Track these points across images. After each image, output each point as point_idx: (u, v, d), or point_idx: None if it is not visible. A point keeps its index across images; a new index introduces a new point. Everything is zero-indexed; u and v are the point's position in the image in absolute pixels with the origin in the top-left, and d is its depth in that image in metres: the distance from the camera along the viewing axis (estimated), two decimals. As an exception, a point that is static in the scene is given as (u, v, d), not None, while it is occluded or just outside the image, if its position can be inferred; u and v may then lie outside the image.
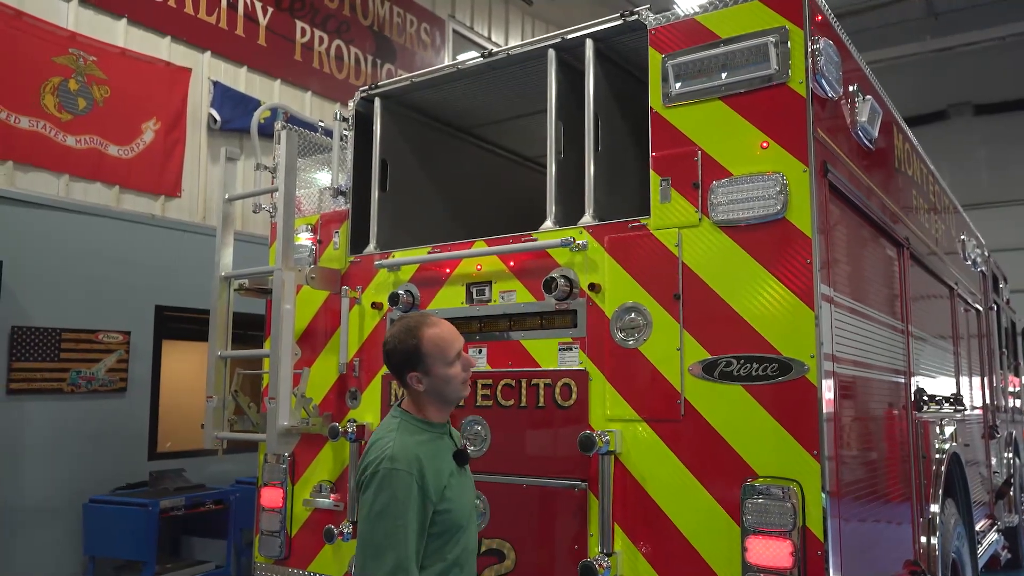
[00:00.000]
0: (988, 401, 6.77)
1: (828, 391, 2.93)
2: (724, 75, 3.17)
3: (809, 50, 3.05)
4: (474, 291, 3.81)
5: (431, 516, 2.42)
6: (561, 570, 3.33)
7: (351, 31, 10.12)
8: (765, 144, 3.06)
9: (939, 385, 5.02)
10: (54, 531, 6.30)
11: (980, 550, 5.58)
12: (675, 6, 3.38)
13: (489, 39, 12.44)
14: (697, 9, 3.30)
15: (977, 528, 5.56)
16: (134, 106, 7.49)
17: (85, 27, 7.21)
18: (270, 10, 9.00)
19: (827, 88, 3.15)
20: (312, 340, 4.31)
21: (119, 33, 7.50)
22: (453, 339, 2.61)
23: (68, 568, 6.36)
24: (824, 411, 2.87)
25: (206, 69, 8.28)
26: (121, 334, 6.85)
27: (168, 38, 7.92)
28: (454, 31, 11.95)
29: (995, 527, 6.43)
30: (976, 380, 6.43)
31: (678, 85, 3.28)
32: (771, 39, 3.07)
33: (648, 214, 3.31)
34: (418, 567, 2.37)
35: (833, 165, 3.18)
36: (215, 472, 7.27)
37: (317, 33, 9.60)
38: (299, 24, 9.37)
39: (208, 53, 8.31)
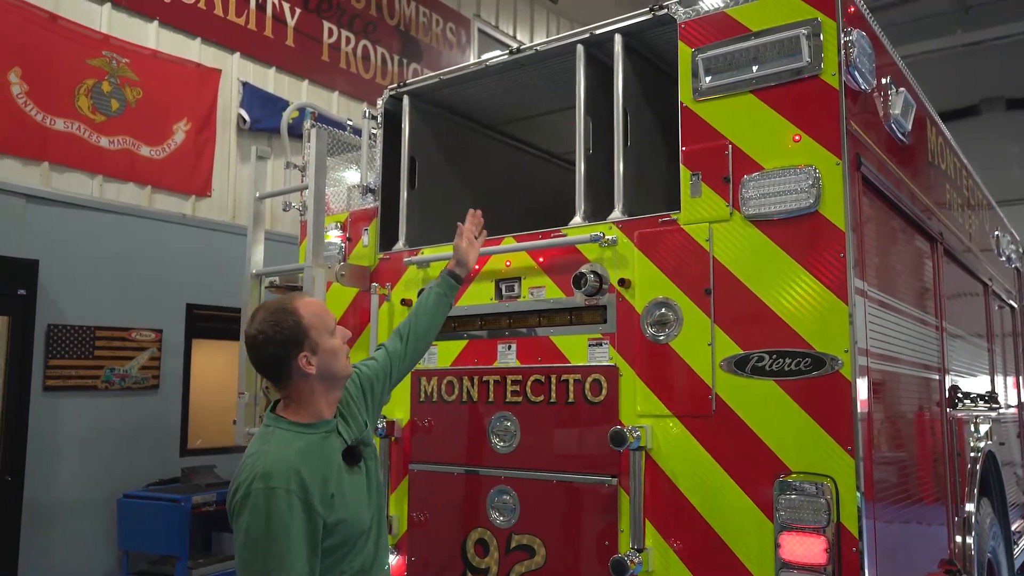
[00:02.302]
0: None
1: (862, 386, 2.89)
2: (755, 68, 3.14)
3: (842, 42, 3.01)
4: (503, 287, 3.81)
5: (322, 529, 2.18)
6: (591, 566, 3.32)
7: (377, 31, 10.18)
8: (797, 137, 3.03)
9: (974, 383, 4.95)
10: (89, 526, 6.41)
11: (1016, 551, 5.49)
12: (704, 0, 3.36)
13: (514, 38, 12.45)
14: (727, 2, 3.27)
15: (1013, 528, 5.46)
16: (165, 107, 7.60)
17: (118, 29, 7.33)
18: (298, 11, 9.08)
19: (860, 80, 3.12)
20: (342, 337, 4.34)
21: (151, 35, 7.61)
22: (326, 309, 2.45)
23: (103, 562, 6.47)
24: (858, 406, 2.83)
25: (235, 70, 8.37)
26: (153, 332, 6.96)
27: (198, 40, 8.02)
28: (479, 30, 11.97)
29: (1031, 528, 6.32)
30: (1011, 378, 6.33)
31: (708, 79, 3.26)
32: (803, 31, 3.03)
33: (678, 209, 3.30)
34: None
35: (866, 158, 3.15)
36: (245, 469, 7.35)
37: (344, 33, 9.67)
38: (326, 25, 9.45)
39: (237, 54, 8.40)
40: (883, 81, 3.47)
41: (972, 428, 4.68)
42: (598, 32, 3.75)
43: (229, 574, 6.53)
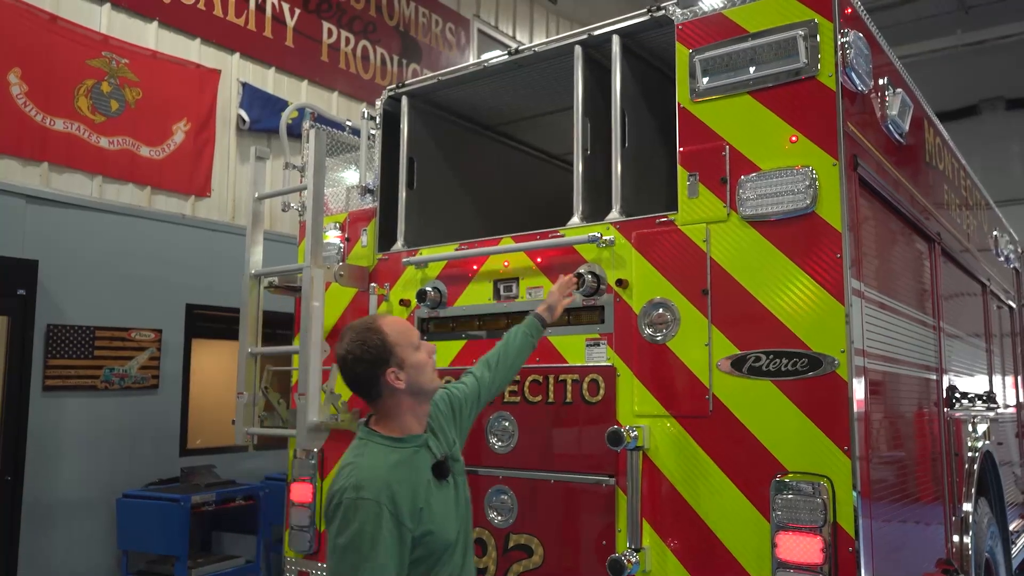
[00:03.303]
0: (1022, 399, 6.67)
1: (858, 386, 2.90)
2: (752, 69, 3.15)
3: (839, 43, 3.02)
4: (501, 287, 3.82)
5: (410, 541, 2.26)
6: (589, 565, 3.33)
7: (377, 31, 10.19)
8: (794, 138, 3.04)
9: (971, 383, 4.96)
10: (88, 525, 6.42)
11: (1014, 551, 5.50)
12: (702, 1, 3.36)
13: (514, 38, 12.46)
14: (725, 3, 3.28)
15: (1011, 528, 5.47)
16: (165, 107, 7.61)
17: (117, 30, 7.33)
18: (297, 11, 9.09)
19: (857, 81, 3.13)
20: (341, 337, 4.35)
21: (150, 36, 7.62)
22: (410, 325, 2.53)
23: (102, 562, 6.48)
24: (855, 406, 2.84)
25: (235, 70, 8.38)
26: (153, 332, 6.96)
27: (198, 40, 8.03)
28: (479, 31, 11.98)
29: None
30: (1009, 378, 6.33)
31: (706, 80, 3.27)
32: (800, 32, 3.04)
33: (676, 209, 3.30)
34: None
35: (863, 159, 3.16)
36: (245, 468, 7.37)
37: (343, 34, 9.68)
38: (326, 25, 9.45)
39: (237, 55, 8.41)
40: (880, 82, 3.48)
41: (970, 428, 4.68)
42: (596, 33, 3.76)
43: (228, 574, 6.54)
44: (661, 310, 3.29)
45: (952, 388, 4.29)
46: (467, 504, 2.58)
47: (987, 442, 4.85)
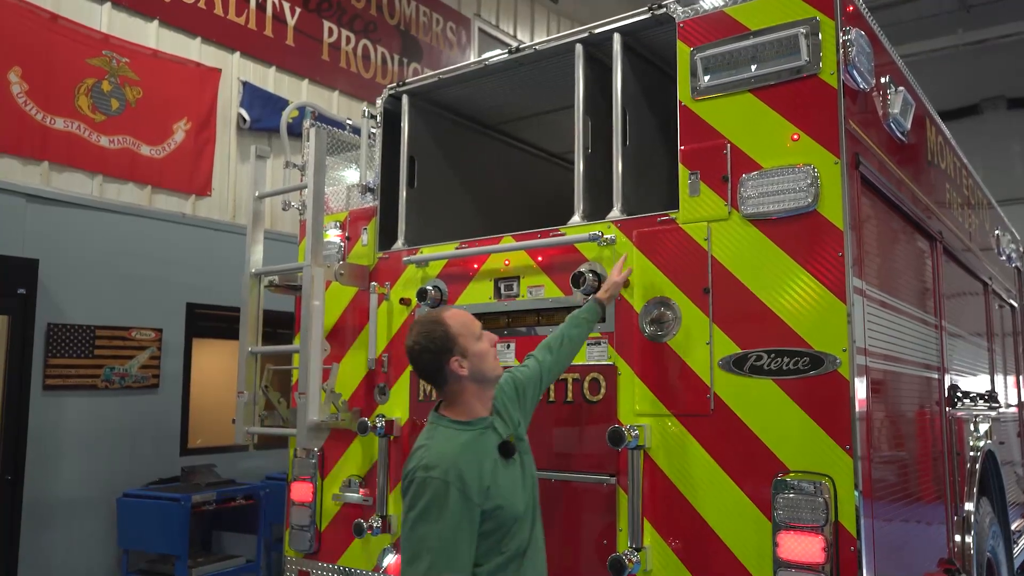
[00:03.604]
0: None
1: (860, 385, 2.89)
2: (754, 67, 3.14)
3: (840, 41, 3.01)
4: (502, 286, 3.81)
5: (479, 515, 2.45)
6: (590, 565, 3.32)
7: (378, 31, 10.18)
8: (796, 136, 3.03)
9: (973, 382, 4.95)
10: (88, 525, 6.41)
11: (1016, 550, 5.49)
12: (703, -1, 3.35)
13: (515, 37, 12.45)
14: (726, 1, 3.27)
15: (1013, 528, 5.46)
16: (165, 106, 7.60)
17: (118, 29, 7.33)
18: (298, 10, 9.08)
19: (859, 79, 3.12)
20: (341, 336, 4.35)
21: (151, 35, 7.61)
22: (472, 317, 2.70)
23: (102, 561, 6.48)
24: (856, 405, 2.83)
25: (235, 69, 8.37)
26: (153, 331, 6.96)
27: (198, 39, 8.02)
28: (480, 30, 11.97)
29: (1031, 527, 6.31)
30: (1012, 378, 6.32)
31: (707, 78, 3.26)
32: (801, 30, 3.03)
33: (677, 208, 3.30)
34: (472, 565, 2.43)
35: (865, 157, 3.15)
36: (246, 468, 7.37)
37: (344, 33, 9.67)
38: (326, 24, 9.45)
39: (237, 54, 8.40)
40: (882, 80, 3.47)
41: (972, 427, 4.67)
42: (597, 31, 3.75)
43: (228, 573, 6.54)
44: (662, 309, 3.28)
45: (954, 387, 4.28)
46: (534, 480, 2.75)
47: (989, 441, 4.84)
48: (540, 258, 3.70)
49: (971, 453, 4.53)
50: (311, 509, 4.28)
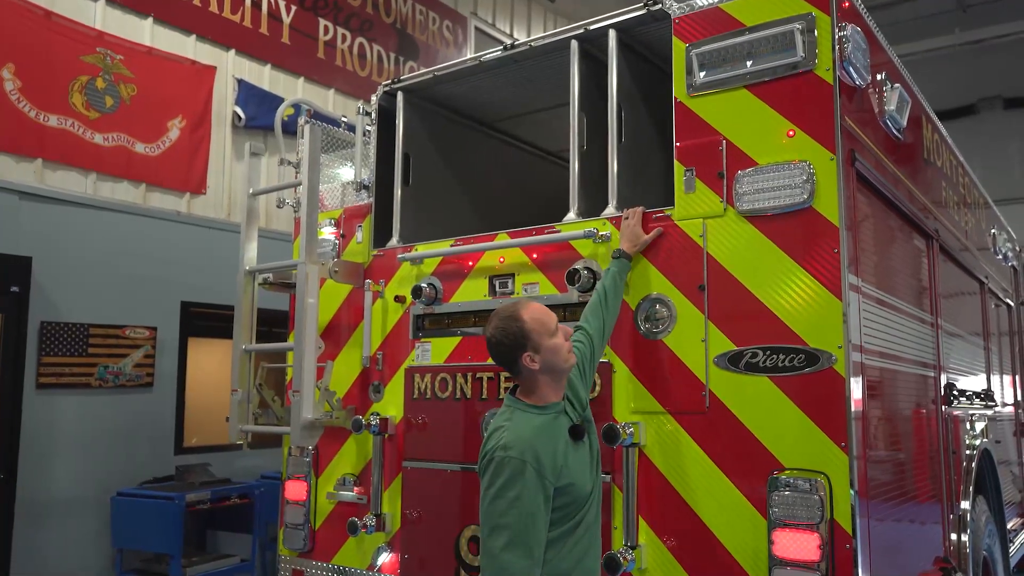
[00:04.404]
0: (1020, 398, 6.65)
1: (856, 383, 2.88)
2: (749, 63, 3.13)
3: (836, 37, 3.00)
4: (497, 283, 3.79)
5: (552, 493, 2.58)
6: (585, 563, 3.30)
7: (374, 29, 10.16)
8: (791, 132, 3.02)
9: (970, 380, 4.94)
10: (83, 524, 6.39)
11: (1012, 549, 5.48)
12: (699, -5, 3.34)
13: (511, 36, 12.43)
14: (722, -3, 3.26)
15: (1009, 526, 5.46)
16: (160, 104, 7.58)
17: (112, 26, 7.30)
18: (293, 8, 9.05)
19: (854, 76, 3.10)
20: (335, 334, 4.33)
21: (145, 32, 7.59)
22: (548, 312, 2.78)
23: (96, 561, 6.45)
24: (852, 403, 2.82)
25: (231, 67, 8.35)
26: (148, 330, 6.93)
27: (193, 37, 8.00)
28: (476, 28, 11.95)
29: (1027, 526, 6.31)
30: (1008, 377, 6.31)
31: (702, 74, 3.24)
32: (797, 26, 3.02)
33: (672, 205, 3.28)
34: (545, 540, 2.56)
35: (861, 154, 3.14)
36: (240, 467, 7.34)
37: (340, 31, 9.65)
38: (322, 22, 9.42)
39: (233, 51, 8.38)
40: (878, 77, 3.46)
41: (968, 426, 4.67)
42: (592, 28, 3.73)
43: (223, 572, 6.51)
44: (657, 306, 3.26)
45: (950, 385, 4.27)
46: (598, 460, 2.87)
47: (985, 440, 4.83)
48: (535, 255, 3.69)
49: (967, 452, 4.53)
50: (305, 508, 4.26)
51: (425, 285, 3.94)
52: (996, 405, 5.28)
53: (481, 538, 2.58)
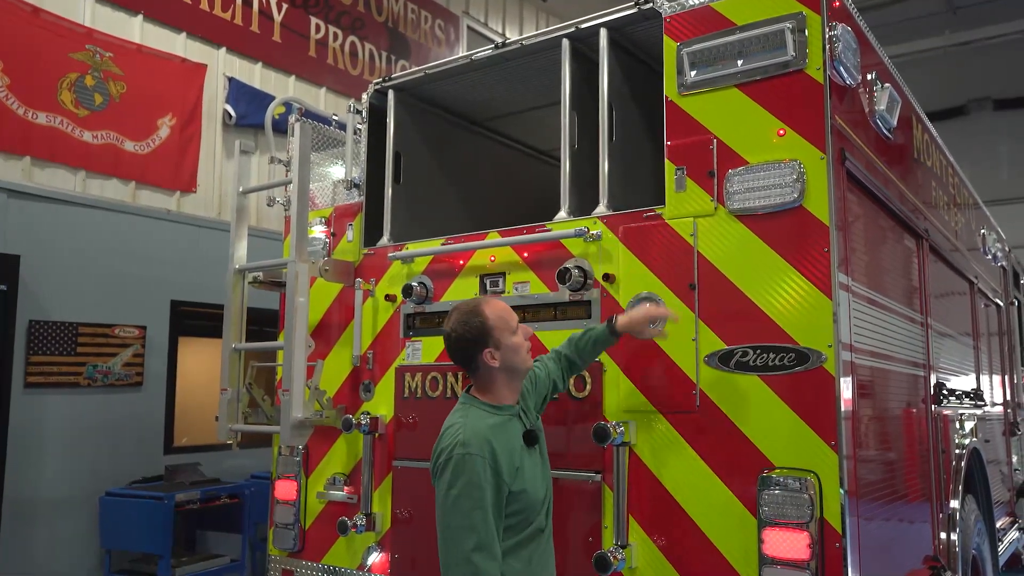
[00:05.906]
0: (1009, 397, 6.68)
1: (846, 382, 2.89)
2: (740, 62, 3.13)
3: (827, 36, 3.00)
4: (488, 282, 3.79)
5: (507, 497, 2.52)
6: (575, 562, 3.29)
7: (365, 27, 10.13)
8: (782, 132, 3.02)
9: (959, 380, 4.95)
10: (71, 524, 6.35)
11: (1001, 548, 5.50)
12: (690, -6, 3.34)
13: (503, 35, 12.42)
14: (713, -4, 3.25)
15: (998, 525, 5.48)
16: (150, 102, 7.53)
17: (102, 23, 7.25)
18: (285, 6, 9.02)
19: (845, 75, 3.11)
20: (326, 333, 4.31)
21: (135, 29, 7.54)
22: (510, 310, 2.75)
23: (85, 561, 6.41)
24: (842, 402, 2.82)
25: (221, 65, 8.30)
26: (137, 328, 6.90)
27: (184, 34, 7.95)
28: (468, 27, 11.93)
29: (1016, 525, 6.34)
30: (997, 376, 6.34)
31: (693, 73, 3.24)
32: (788, 25, 3.03)
33: (663, 204, 3.28)
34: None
35: (851, 153, 3.14)
36: (230, 467, 7.30)
37: (331, 29, 9.62)
38: (313, 20, 9.39)
39: (223, 49, 8.33)
40: (868, 77, 3.47)
41: (957, 425, 4.68)
42: (583, 26, 3.73)
43: (212, 573, 6.48)
44: (648, 305, 3.26)
45: (940, 385, 4.28)
46: (548, 468, 2.83)
47: (974, 439, 4.85)
48: (526, 254, 3.68)
49: (957, 451, 4.54)
50: (295, 507, 4.24)
51: (416, 284, 3.93)
52: (985, 405, 5.30)
53: (440, 541, 2.48)
